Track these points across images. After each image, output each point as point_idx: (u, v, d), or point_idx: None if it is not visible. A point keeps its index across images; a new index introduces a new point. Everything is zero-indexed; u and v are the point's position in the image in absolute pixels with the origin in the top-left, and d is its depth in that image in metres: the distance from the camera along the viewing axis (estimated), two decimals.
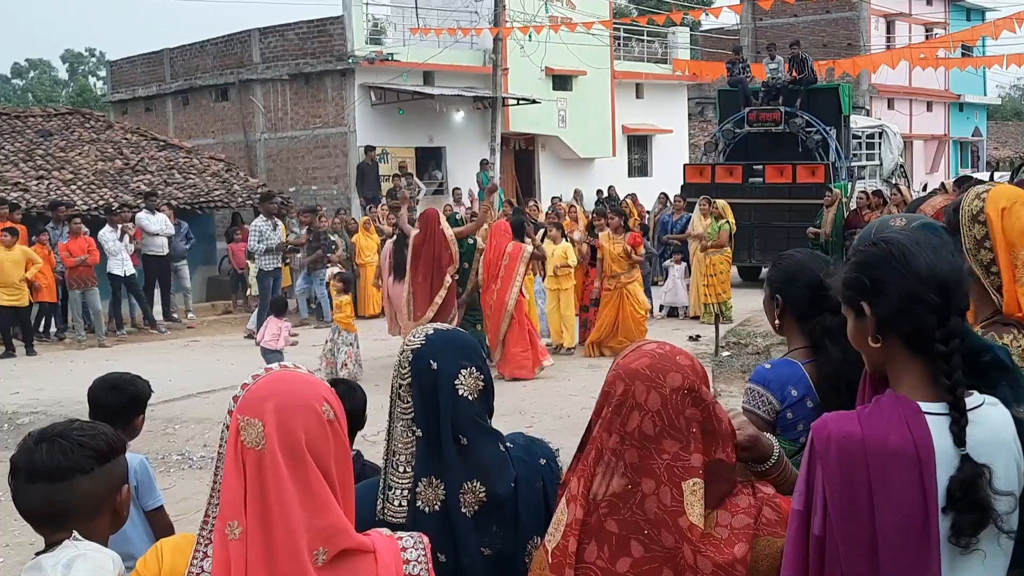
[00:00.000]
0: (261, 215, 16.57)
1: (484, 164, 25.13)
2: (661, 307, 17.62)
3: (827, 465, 1.97)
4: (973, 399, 2.03)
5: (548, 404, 10.97)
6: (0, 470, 8.37)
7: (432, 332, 2.50)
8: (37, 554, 2.12)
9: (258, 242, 16.12)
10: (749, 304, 16.52)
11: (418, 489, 2.38)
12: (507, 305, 12.33)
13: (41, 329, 16.75)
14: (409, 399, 2.41)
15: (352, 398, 4.07)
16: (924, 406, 1.98)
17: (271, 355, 11.40)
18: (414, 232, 12.43)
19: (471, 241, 12.82)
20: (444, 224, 12.45)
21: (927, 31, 43.31)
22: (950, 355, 1.97)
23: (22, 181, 18.75)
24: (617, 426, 2.28)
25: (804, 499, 2.02)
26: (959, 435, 1.93)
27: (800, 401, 3.00)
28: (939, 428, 1.96)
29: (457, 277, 12.31)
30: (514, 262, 12.43)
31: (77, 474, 2.17)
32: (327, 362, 12.45)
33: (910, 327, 2.02)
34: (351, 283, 13.98)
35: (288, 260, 17.49)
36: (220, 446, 1.93)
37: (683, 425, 2.23)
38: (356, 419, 4.14)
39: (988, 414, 2.02)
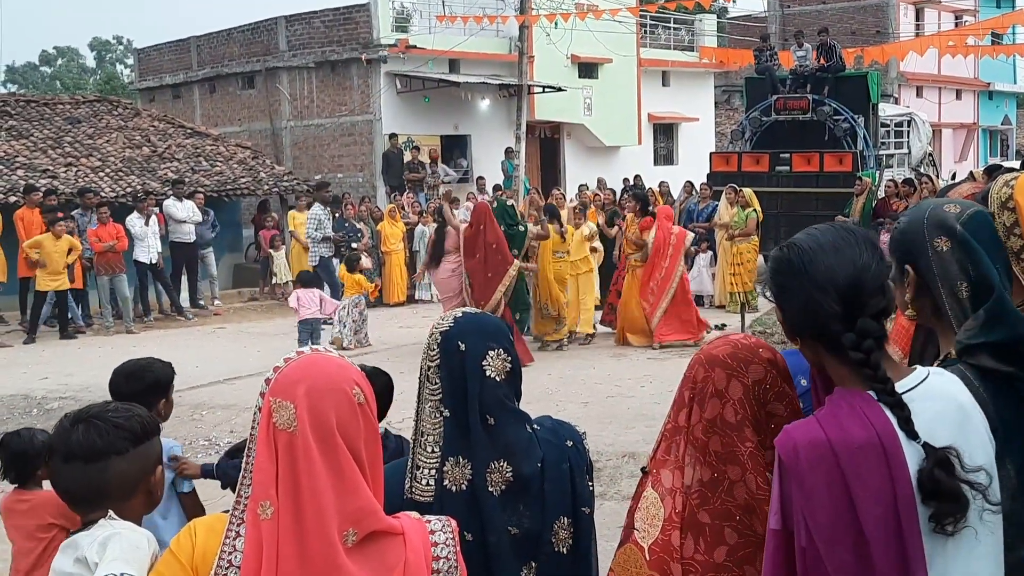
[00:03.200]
0: (317, 203, 16.72)
1: (509, 152, 25.12)
2: None
3: (799, 475, 1.94)
4: (915, 376, 2.02)
5: (573, 392, 10.98)
6: None
7: (461, 315, 2.54)
8: (72, 533, 2.15)
9: (316, 230, 16.19)
10: None
11: (445, 468, 2.41)
12: (673, 280, 13.43)
13: (69, 315, 16.90)
14: (437, 380, 2.44)
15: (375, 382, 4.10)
16: (874, 395, 1.96)
17: (311, 324, 12.89)
18: (464, 225, 12.69)
19: (522, 228, 13.01)
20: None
21: (957, 18, 42.89)
22: (867, 357, 1.94)
23: (51, 168, 18.89)
24: (696, 413, 2.28)
25: (779, 517, 1.99)
26: (907, 429, 1.91)
27: (810, 391, 2.99)
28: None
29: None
30: (680, 243, 13.63)
31: (112, 455, 2.19)
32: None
33: (817, 332, 2.01)
34: (355, 261, 14.48)
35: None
36: (252, 428, 1.95)
37: (764, 419, 2.23)
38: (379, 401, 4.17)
39: (933, 385, 2.01)
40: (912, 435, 1.91)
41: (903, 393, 1.96)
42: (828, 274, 1.99)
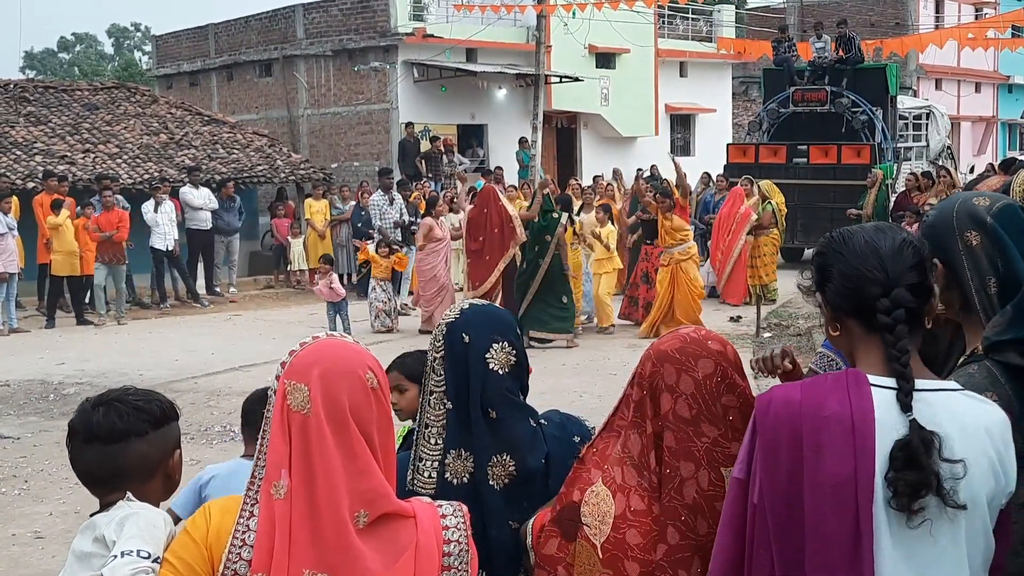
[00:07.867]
0: (379, 190, 16.62)
1: (523, 143, 25.06)
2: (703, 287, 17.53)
3: (764, 430, 1.96)
4: (944, 383, 2.00)
5: (588, 383, 10.97)
6: (47, 439, 8.48)
7: (468, 306, 2.53)
8: (92, 515, 2.18)
9: (379, 218, 16.21)
10: (792, 286, 16.38)
11: (447, 461, 2.40)
12: (733, 252, 15.63)
13: (87, 301, 16.95)
14: (441, 372, 2.43)
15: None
16: (874, 379, 1.95)
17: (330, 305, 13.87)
18: (469, 206, 12.72)
19: (556, 215, 12.91)
20: (504, 200, 13.14)
21: (976, 11, 42.60)
22: (894, 324, 1.95)
23: (69, 154, 18.97)
24: (649, 409, 2.27)
25: (745, 467, 2.01)
26: (905, 401, 1.90)
27: None
28: (886, 399, 1.92)
29: (537, 249, 12.71)
30: (743, 221, 15.58)
31: (132, 436, 2.22)
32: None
33: (856, 303, 2.02)
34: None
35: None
36: (267, 410, 1.98)
37: (720, 412, 2.22)
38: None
39: (955, 401, 1.96)
40: (906, 408, 1.90)
41: (919, 390, 1.93)
42: (870, 245, 2.02)
